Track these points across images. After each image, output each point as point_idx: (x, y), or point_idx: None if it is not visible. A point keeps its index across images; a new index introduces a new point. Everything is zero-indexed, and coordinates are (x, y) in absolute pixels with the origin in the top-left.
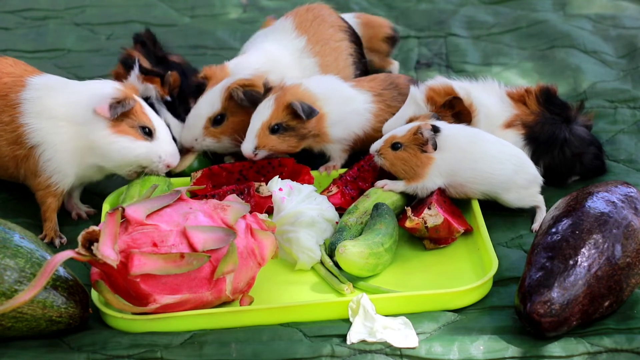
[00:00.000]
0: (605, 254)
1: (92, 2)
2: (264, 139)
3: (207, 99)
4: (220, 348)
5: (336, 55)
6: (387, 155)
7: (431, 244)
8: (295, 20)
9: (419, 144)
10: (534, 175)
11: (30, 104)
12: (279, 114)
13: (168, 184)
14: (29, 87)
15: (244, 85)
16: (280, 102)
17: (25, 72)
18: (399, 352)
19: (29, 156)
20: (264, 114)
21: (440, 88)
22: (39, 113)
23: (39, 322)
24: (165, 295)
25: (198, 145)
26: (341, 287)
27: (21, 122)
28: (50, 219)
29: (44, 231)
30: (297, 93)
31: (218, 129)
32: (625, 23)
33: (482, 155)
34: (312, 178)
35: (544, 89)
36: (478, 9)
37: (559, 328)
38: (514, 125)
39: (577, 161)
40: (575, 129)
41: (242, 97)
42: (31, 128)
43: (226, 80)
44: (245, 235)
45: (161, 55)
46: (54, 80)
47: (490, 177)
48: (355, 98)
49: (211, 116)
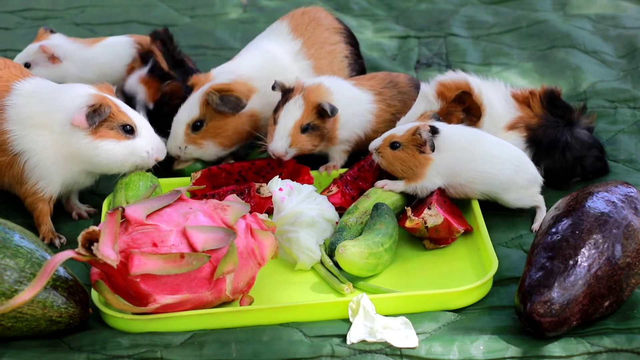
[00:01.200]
0: (605, 254)
1: (92, 2)
2: (297, 138)
3: (187, 105)
4: (220, 348)
5: (331, 57)
6: (386, 154)
7: (431, 244)
8: (291, 23)
9: (417, 144)
10: (534, 175)
11: (13, 110)
12: (309, 114)
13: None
14: (14, 93)
15: (220, 90)
16: (310, 102)
17: (13, 77)
18: (399, 352)
19: (13, 163)
20: (295, 113)
21: (451, 83)
22: (22, 121)
23: (39, 322)
24: (165, 295)
25: (182, 153)
26: (341, 287)
27: (5, 128)
28: (44, 223)
29: (40, 235)
30: (321, 92)
31: (198, 135)
32: (625, 23)
33: (482, 155)
34: (312, 178)
35: (548, 91)
36: (478, 9)
37: (558, 328)
38: (517, 127)
39: (578, 164)
40: (577, 132)
41: (218, 102)
42: (15, 135)
43: (206, 86)
44: (245, 235)
45: (179, 59)
46: (38, 86)
47: (491, 178)
48: (358, 99)
49: (189, 122)
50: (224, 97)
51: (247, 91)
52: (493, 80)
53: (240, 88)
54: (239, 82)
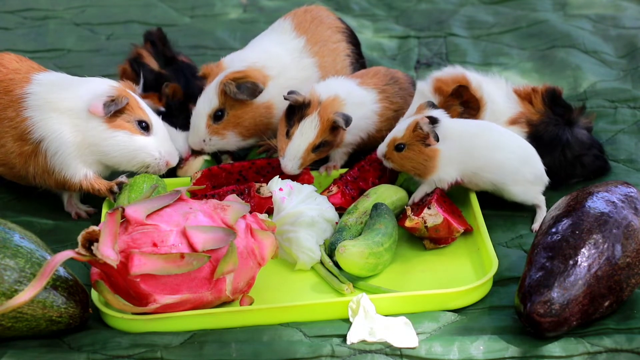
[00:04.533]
0: (605, 254)
1: (92, 2)
2: (307, 158)
3: (205, 97)
4: (220, 348)
5: (334, 56)
6: (394, 157)
7: (431, 243)
8: (294, 21)
9: (420, 139)
10: (541, 172)
11: (33, 97)
12: (323, 132)
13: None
14: (34, 83)
15: (235, 79)
16: (325, 119)
17: (32, 69)
18: (399, 352)
19: (37, 152)
20: (310, 134)
21: (448, 78)
22: (41, 106)
23: (39, 322)
24: (165, 295)
25: (207, 146)
26: (341, 287)
27: (25, 115)
28: (99, 189)
29: (106, 187)
30: (336, 106)
31: (220, 125)
32: (625, 23)
33: (492, 143)
34: (312, 178)
35: (550, 90)
36: (478, 9)
37: (558, 328)
38: (519, 122)
39: (577, 163)
40: (576, 131)
41: (236, 90)
42: (35, 120)
43: (220, 75)
44: (245, 235)
45: (170, 56)
46: (58, 77)
47: (500, 166)
48: (364, 101)
49: (210, 113)
50: (240, 85)
51: (262, 77)
52: (493, 76)
53: (255, 74)
54: (254, 69)
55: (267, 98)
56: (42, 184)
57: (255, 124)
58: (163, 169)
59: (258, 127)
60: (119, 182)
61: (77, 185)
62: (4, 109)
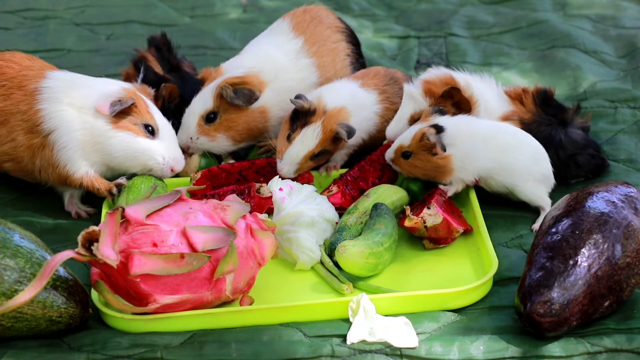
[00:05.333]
0: (605, 254)
1: (92, 2)
2: (304, 165)
3: (200, 97)
4: (220, 348)
5: (334, 55)
6: (401, 164)
7: (431, 243)
8: (292, 21)
9: (427, 149)
10: (549, 172)
11: (47, 90)
12: (324, 142)
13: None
14: (49, 77)
15: (234, 84)
16: (327, 130)
17: (45, 67)
18: (399, 352)
19: (45, 145)
20: (310, 143)
21: (436, 79)
22: (54, 99)
23: (39, 322)
24: (165, 295)
25: (193, 144)
26: (341, 287)
27: (38, 107)
28: (99, 188)
29: (105, 187)
30: (341, 117)
31: (211, 127)
32: (625, 23)
33: (503, 146)
34: (312, 178)
35: (540, 90)
36: (478, 9)
37: (558, 328)
38: (512, 120)
39: (572, 162)
40: (570, 132)
41: (232, 95)
42: (47, 112)
43: (219, 79)
44: (245, 235)
45: (175, 64)
46: (73, 75)
47: (511, 168)
48: (366, 103)
49: (203, 114)
50: (237, 90)
51: (259, 84)
52: (482, 76)
53: (253, 81)
54: (252, 75)
55: (261, 103)
56: (46, 179)
57: (249, 129)
58: (167, 174)
59: (251, 132)
60: (118, 184)
61: (78, 181)
62: (17, 103)
